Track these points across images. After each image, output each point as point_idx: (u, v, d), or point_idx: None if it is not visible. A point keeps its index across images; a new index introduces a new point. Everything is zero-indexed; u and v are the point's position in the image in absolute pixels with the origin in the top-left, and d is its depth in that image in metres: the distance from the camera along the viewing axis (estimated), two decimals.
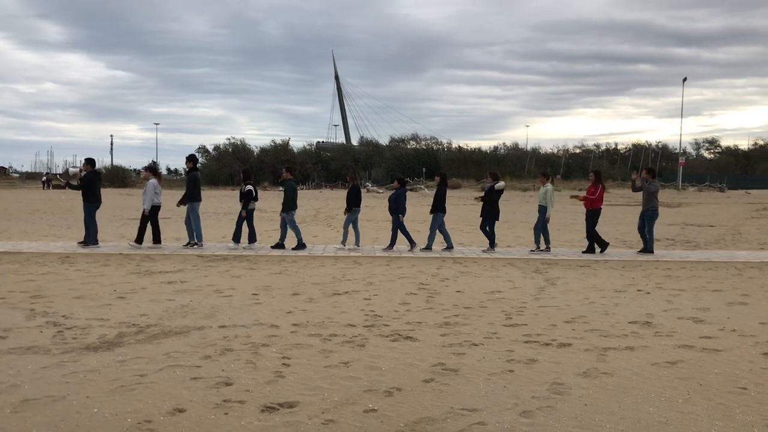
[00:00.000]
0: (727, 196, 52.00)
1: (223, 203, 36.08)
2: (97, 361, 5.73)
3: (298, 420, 4.44)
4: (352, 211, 14.28)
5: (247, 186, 14.35)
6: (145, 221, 13.92)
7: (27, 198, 42.92)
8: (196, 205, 14.10)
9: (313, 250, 13.95)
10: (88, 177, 14.08)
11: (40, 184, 70.31)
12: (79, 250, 13.25)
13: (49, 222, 22.05)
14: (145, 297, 8.66)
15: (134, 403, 4.70)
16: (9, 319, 7.28)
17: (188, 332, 6.82)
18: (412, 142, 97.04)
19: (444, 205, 14.35)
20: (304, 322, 7.34)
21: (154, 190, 13.95)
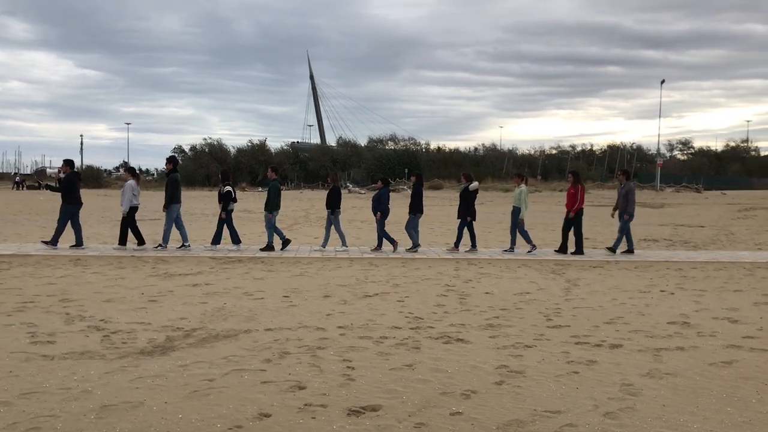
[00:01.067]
0: (705, 197, 52.84)
1: (202, 204, 35.69)
2: (158, 366, 5.66)
3: (389, 423, 4.43)
4: (333, 213, 14.13)
5: (226, 187, 14.20)
6: (125, 223, 13.71)
7: (2, 199, 42.14)
8: (174, 207, 13.88)
9: (325, 252, 13.89)
10: (68, 178, 13.85)
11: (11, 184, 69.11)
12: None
13: (38, 223, 21.69)
14: (176, 300, 8.57)
15: (215, 409, 4.66)
16: (48, 323, 7.16)
17: (236, 335, 6.77)
18: (390, 142, 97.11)
19: (421, 205, 14.35)
20: (348, 324, 7.31)
21: (132, 191, 13.77)
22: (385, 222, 14.35)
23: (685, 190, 62.74)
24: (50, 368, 5.55)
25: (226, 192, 14.10)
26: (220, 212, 14.07)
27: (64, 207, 13.61)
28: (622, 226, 14.25)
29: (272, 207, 14.13)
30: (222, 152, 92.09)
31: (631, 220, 14.27)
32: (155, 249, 13.56)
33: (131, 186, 13.80)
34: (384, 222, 14.18)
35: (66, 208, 13.61)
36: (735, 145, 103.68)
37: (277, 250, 13.74)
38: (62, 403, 4.72)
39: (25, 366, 5.60)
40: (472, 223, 14.30)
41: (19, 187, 61.10)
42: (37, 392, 4.95)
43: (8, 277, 10.10)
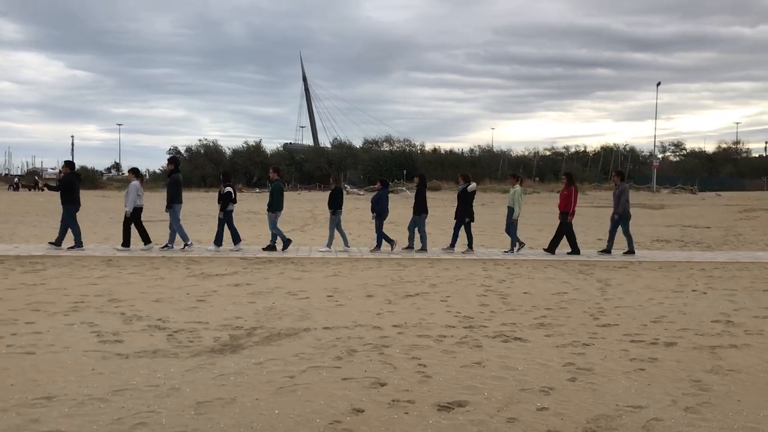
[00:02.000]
0: (701, 198, 53.25)
1: (200, 205, 35.68)
2: (234, 364, 5.79)
3: (481, 418, 4.57)
4: (335, 213, 14.25)
5: (226, 188, 14.23)
6: (128, 224, 13.83)
7: (4, 200, 42.01)
8: (177, 207, 13.97)
9: (351, 252, 14.01)
10: (68, 179, 13.87)
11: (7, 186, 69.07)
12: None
13: (50, 224, 21.64)
14: (224, 300, 8.68)
15: (306, 404, 4.79)
16: (108, 323, 7.27)
17: (297, 334, 6.89)
18: (385, 144, 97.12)
19: (426, 206, 14.50)
20: (402, 323, 7.45)
21: (136, 191, 13.82)
22: (383, 222, 14.45)
23: (680, 192, 63.21)
24: (129, 366, 5.66)
25: (226, 193, 14.18)
26: (219, 212, 14.08)
27: (65, 208, 13.66)
28: (613, 226, 14.41)
29: (275, 207, 14.17)
30: (218, 153, 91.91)
31: (628, 219, 14.41)
32: (162, 249, 13.70)
33: (135, 186, 13.86)
34: (382, 222, 14.22)
35: (66, 209, 13.65)
36: (727, 147, 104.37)
37: (278, 250, 13.84)
38: (156, 400, 4.83)
39: (106, 364, 5.71)
40: (470, 224, 14.38)
41: (16, 188, 60.97)
42: (128, 389, 5.06)
43: (48, 278, 10.18)
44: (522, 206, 14.46)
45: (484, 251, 14.55)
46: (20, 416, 4.47)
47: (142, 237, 13.87)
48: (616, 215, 14.24)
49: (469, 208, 14.38)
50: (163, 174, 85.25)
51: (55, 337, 6.58)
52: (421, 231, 14.47)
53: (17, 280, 9.94)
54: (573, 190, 14.30)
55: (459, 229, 14.35)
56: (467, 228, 14.35)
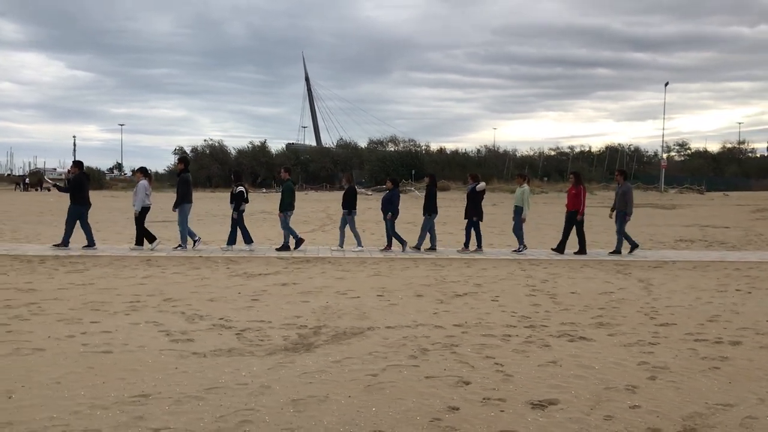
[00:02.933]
0: (710, 198, 53.27)
1: (211, 205, 35.73)
2: (312, 362, 5.84)
3: (578, 416, 4.62)
4: (350, 213, 14.35)
5: (238, 188, 14.22)
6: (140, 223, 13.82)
7: (17, 200, 42.09)
8: (186, 207, 13.96)
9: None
10: (78, 179, 13.89)
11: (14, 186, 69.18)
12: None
13: None
14: (276, 299, 8.75)
15: (400, 402, 4.85)
16: (172, 322, 7.33)
17: (363, 333, 6.95)
18: (390, 144, 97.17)
19: (435, 206, 14.52)
20: (462, 322, 7.51)
21: (144, 191, 13.84)
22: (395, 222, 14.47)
23: (688, 192, 63.23)
24: (211, 365, 5.72)
25: (238, 192, 14.19)
26: (232, 212, 14.10)
27: (73, 208, 13.67)
28: (619, 226, 14.38)
29: (286, 207, 14.21)
30: (223, 153, 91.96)
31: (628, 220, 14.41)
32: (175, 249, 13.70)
33: (144, 186, 13.88)
34: (394, 222, 14.29)
35: (74, 208, 13.66)
36: (731, 147, 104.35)
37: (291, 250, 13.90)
38: (251, 398, 4.88)
39: (186, 363, 5.76)
40: (479, 223, 14.40)
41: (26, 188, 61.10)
42: (219, 387, 5.11)
43: (93, 278, 10.24)
44: (530, 206, 14.46)
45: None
46: (124, 413, 4.52)
47: (145, 237, 13.84)
48: (628, 216, 14.27)
49: (478, 207, 14.36)
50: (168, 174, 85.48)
51: (126, 336, 6.63)
52: (430, 230, 14.48)
53: (65, 280, 10.00)
54: (582, 190, 14.30)
55: (470, 229, 14.36)
56: (476, 227, 14.37)
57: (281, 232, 14.44)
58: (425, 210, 14.47)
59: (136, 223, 13.96)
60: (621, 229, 14.42)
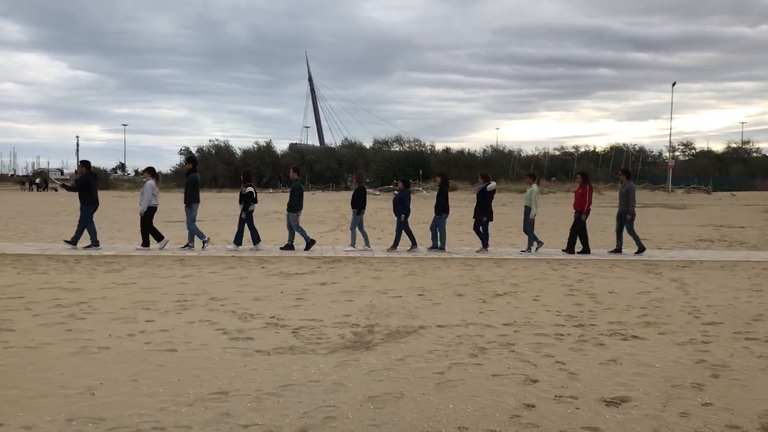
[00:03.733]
0: (718, 198, 53.29)
1: (221, 205, 35.78)
2: (376, 360, 5.93)
3: (653, 413, 4.70)
4: (359, 213, 14.42)
5: (247, 188, 14.29)
6: (146, 224, 13.88)
7: (27, 200, 42.21)
8: (194, 207, 14.04)
9: (420, 253, 14.13)
10: (85, 178, 13.99)
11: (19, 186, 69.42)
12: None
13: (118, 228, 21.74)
14: (320, 298, 8.84)
15: (475, 399, 4.94)
16: (226, 321, 7.42)
17: (416, 332, 7.04)
18: (395, 144, 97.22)
19: (447, 206, 14.57)
20: (511, 321, 7.59)
21: (151, 191, 13.90)
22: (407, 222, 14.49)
23: (694, 192, 63.27)
24: (278, 363, 5.81)
25: (247, 193, 14.26)
26: (240, 212, 14.17)
27: (84, 207, 13.75)
28: (629, 227, 14.47)
29: (295, 207, 14.27)
30: (229, 154, 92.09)
31: (633, 219, 14.47)
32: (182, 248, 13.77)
33: (151, 186, 13.94)
34: (407, 222, 14.37)
35: (84, 208, 13.74)
36: (736, 147, 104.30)
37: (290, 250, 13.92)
38: (327, 395, 4.97)
39: (253, 361, 5.85)
40: (488, 223, 14.47)
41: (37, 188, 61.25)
42: (293, 384, 5.20)
43: (134, 277, 10.34)
44: (539, 205, 14.52)
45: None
46: (209, 410, 4.61)
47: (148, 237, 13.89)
48: (630, 215, 14.29)
49: (487, 207, 14.41)
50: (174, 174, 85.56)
51: (185, 335, 6.72)
52: (441, 230, 14.53)
53: (106, 279, 10.10)
54: (588, 189, 14.36)
55: (486, 227, 14.40)
56: (484, 227, 14.40)
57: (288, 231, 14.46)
58: (437, 209, 14.47)
59: (141, 224, 13.96)
60: (630, 229, 14.49)
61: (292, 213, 14.31)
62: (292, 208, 14.28)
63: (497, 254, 13.99)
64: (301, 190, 14.44)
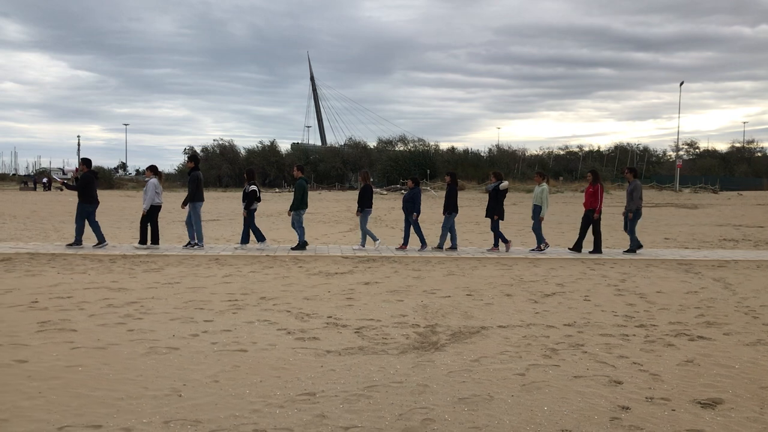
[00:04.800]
0: (727, 197, 53.20)
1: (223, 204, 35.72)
2: (451, 361, 5.86)
3: (753, 416, 4.64)
4: (364, 212, 14.27)
5: (251, 186, 14.15)
6: (145, 221, 13.76)
7: (36, 200, 42.12)
8: (198, 205, 13.91)
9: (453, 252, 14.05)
10: (86, 177, 13.84)
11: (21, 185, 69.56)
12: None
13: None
14: (370, 298, 8.78)
15: (567, 402, 4.87)
16: (285, 321, 7.36)
17: (479, 332, 6.98)
18: (399, 143, 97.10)
19: (456, 205, 14.48)
20: (571, 322, 7.52)
21: (154, 189, 13.76)
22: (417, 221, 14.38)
23: (702, 191, 63.18)
24: (353, 363, 5.74)
25: (251, 191, 14.11)
26: (243, 211, 14.06)
27: (81, 206, 13.62)
28: (631, 224, 14.36)
29: (299, 206, 14.22)
30: (233, 153, 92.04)
31: (638, 217, 14.38)
32: (190, 247, 13.61)
33: (154, 184, 13.77)
34: (416, 221, 14.25)
35: (82, 207, 13.60)
36: (740, 146, 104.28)
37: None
38: (416, 396, 4.90)
39: (328, 361, 5.79)
40: (499, 222, 14.39)
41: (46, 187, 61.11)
42: (377, 385, 5.14)
43: (176, 277, 10.27)
44: (549, 205, 14.44)
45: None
46: (303, 412, 4.54)
47: (151, 236, 13.79)
48: (630, 213, 14.21)
49: (499, 206, 14.33)
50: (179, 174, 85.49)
51: (249, 335, 6.65)
52: (450, 229, 14.44)
53: (148, 279, 10.03)
54: (599, 188, 14.26)
55: (497, 226, 14.34)
56: (495, 226, 14.33)
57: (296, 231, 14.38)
58: (446, 209, 14.39)
59: (141, 221, 13.80)
60: (632, 227, 14.37)
61: (296, 212, 14.11)
62: (296, 207, 14.11)
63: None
64: (305, 188, 14.27)
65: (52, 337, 6.40)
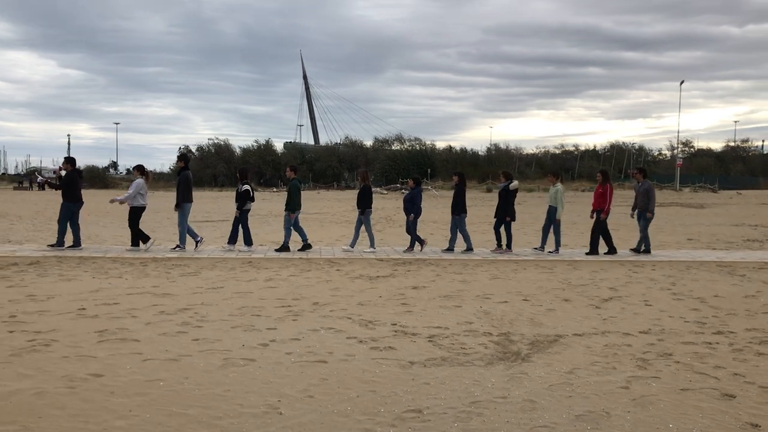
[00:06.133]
0: (729, 196, 53.21)
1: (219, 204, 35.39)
2: (545, 373, 5.61)
3: None
4: (365, 213, 13.96)
5: (243, 186, 13.84)
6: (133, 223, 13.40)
7: (37, 200, 41.64)
8: (187, 206, 13.56)
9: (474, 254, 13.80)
10: (70, 176, 13.47)
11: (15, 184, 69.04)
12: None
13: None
14: (424, 303, 8.54)
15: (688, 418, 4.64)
16: (350, 328, 7.11)
17: (557, 341, 6.74)
18: (396, 142, 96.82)
19: (465, 205, 14.15)
20: (646, 329, 7.31)
21: (138, 189, 13.36)
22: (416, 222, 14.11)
23: (701, 191, 63.21)
24: (443, 376, 5.50)
25: (243, 191, 13.77)
26: (237, 210, 13.72)
27: (65, 206, 13.24)
28: (644, 224, 14.13)
29: (293, 206, 13.89)
30: (229, 152, 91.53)
31: (652, 218, 14.18)
32: (173, 250, 13.22)
33: (138, 185, 13.38)
34: (416, 222, 13.94)
35: (66, 206, 13.23)
36: (735, 145, 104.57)
37: (293, 251, 13.57)
38: (528, 413, 4.65)
39: (416, 373, 5.53)
40: (510, 223, 14.10)
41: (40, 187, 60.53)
42: (481, 401, 4.87)
43: (215, 281, 9.97)
44: (564, 205, 14.16)
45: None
46: (417, 431, 4.24)
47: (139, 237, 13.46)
48: (649, 213, 13.97)
49: (510, 206, 14.03)
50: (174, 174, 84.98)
51: (321, 344, 6.38)
52: (462, 231, 14.13)
53: (189, 283, 9.72)
54: (609, 188, 13.99)
55: (500, 227, 14.06)
56: (507, 228, 14.05)
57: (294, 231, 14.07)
58: (454, 210, 14.06)
59: (129, 225, 13.47)
60: (644, 226, 14.13)
61: (290, 213, 13.76)
62: (291, 208, 13.77)
63: (544, 256, 13.64)
64: (299, 188, 13.95)
65: (117, 348, 6.08)
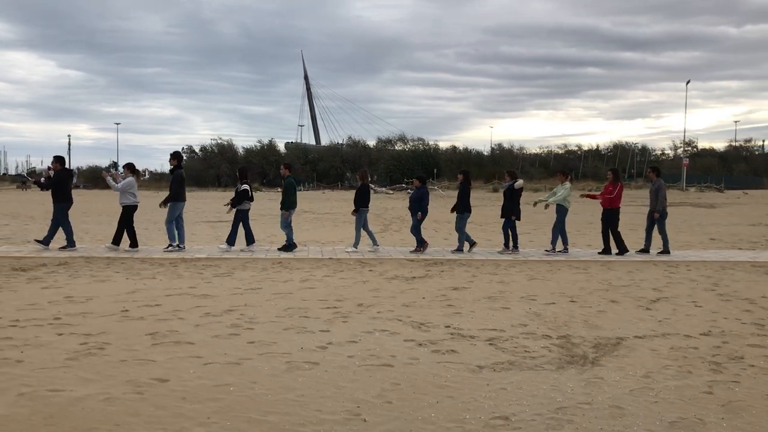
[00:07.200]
0: (736, 196, 53.07)
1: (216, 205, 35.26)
2: (620, 378, 5.45)
3: None
4: (360, 212, 13.71)
5: (242, 185, 13.66)
6: (128, 223, 13.16)
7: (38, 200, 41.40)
8: (180, 206, 13.31)
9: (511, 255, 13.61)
10: (60, 176, 13.21)
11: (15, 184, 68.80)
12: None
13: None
14: (471, 305, 8.39)
15: None
16: (405, 330, 6.97)
17: (620, 344, 6.61)
18: (399, 142, 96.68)
19: (469, 205, 13.94)
20: (705, 331, 7.15)
21: (127, 187, 13.10)
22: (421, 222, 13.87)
23: (708, 190, 63.07)
24: (518, 380, 5.33)
25: (242, 190, 13.62)
26: (232, 208, 13.53)
27: (57, 206, 13.00)
28: (659, 225, 13.93)
29: (289, 205, 13.66)
30: (232, 152, 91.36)
31: (665, 218, 13.98)
32: (166, 250, 12.97)
33: (128, 183, 13.12)
34: (419, 222, 13.71)
35: (58, 207, 12.99)
36: (738, 145, 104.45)
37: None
38: (619, 420, 4.50)
39: (488, 378, 5.38)
40: (516, 223, 13.90)
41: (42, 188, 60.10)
42: (566, 408, 4.71)
43: (252, 282, 9.81)
44: (571, 203, 13.95)
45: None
46: None
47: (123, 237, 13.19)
48: (657, 213, 13.77)
49: (516, 206, 13.85)
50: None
51: (380, 347, 6.22)
52: (458, 230, 13.92)
53: (226, 284, 9.55)
54: (619, 187, 13.80)
55: (508, 228, 13.87)
56: (512, 227, 13.87)
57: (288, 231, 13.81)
58: (458, 209, 13.84)
59: (119, 222, 13.21)
60: (660, 227, 13.97)
61: (285, 211, 13.55)
62: (286, 206, 13.56)
63: (574, 257, 13.46)
64: (294, 187, 13.71)
65: (174, 351, 5.90)
